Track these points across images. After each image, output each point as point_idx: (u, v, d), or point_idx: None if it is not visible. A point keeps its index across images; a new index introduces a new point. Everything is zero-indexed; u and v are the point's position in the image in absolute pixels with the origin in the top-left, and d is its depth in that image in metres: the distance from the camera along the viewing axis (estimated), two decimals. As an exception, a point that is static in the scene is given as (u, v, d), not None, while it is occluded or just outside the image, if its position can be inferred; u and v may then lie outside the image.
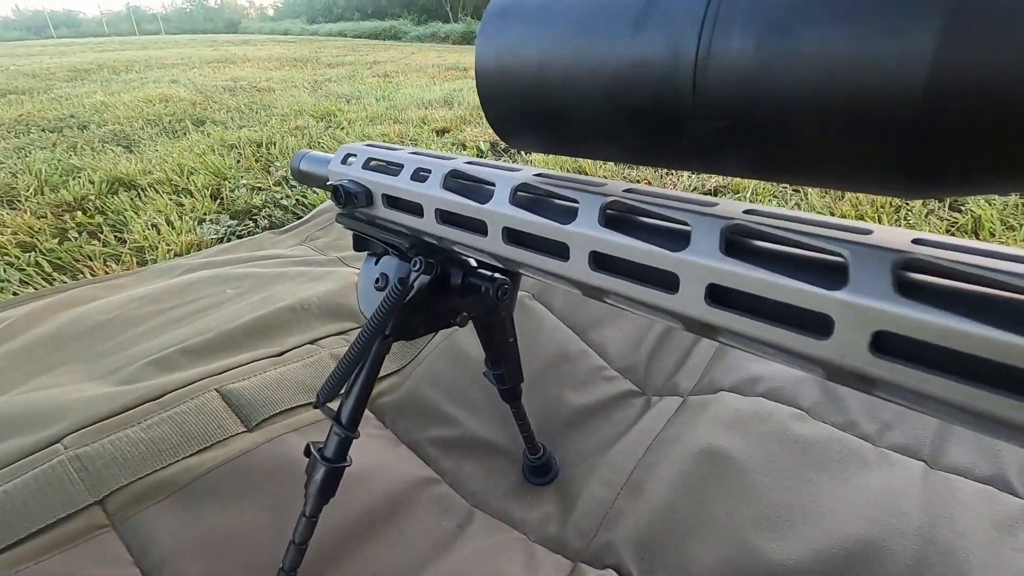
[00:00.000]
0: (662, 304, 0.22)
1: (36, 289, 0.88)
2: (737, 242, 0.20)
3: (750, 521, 0.49)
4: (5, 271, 0.92)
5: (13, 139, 2.04)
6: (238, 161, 1.67)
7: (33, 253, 1.00)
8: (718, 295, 0.20)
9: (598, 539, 0.51)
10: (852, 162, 0.17)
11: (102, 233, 1.10)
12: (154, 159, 1.64)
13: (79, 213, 1.21)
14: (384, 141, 1.98)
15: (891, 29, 0.14)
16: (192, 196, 1.32)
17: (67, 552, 0.41)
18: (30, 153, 1.79)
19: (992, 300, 0.15)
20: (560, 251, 0.26)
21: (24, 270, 0.95)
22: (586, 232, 0.24)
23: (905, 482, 0.50)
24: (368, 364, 0.38)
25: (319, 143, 1.96)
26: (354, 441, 0.40)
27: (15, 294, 0.87)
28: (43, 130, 2.21)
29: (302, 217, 1.19)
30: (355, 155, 0.38)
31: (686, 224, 0.21)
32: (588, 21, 0.21)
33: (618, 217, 0.25)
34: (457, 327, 0.40)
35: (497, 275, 0.36)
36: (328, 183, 0.39)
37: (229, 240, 1.10)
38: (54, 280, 0.93)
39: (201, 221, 1.18)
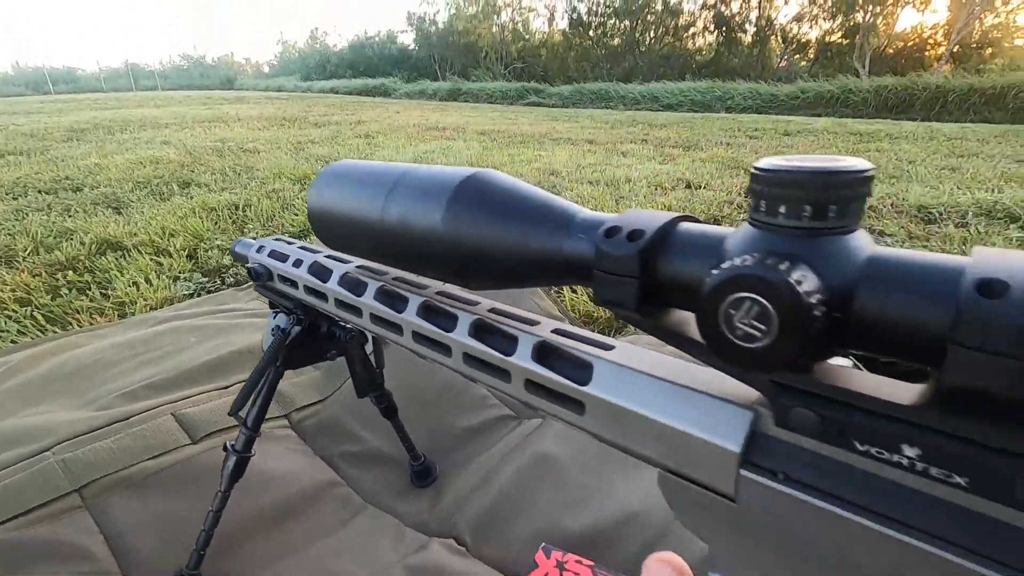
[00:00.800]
0: (501, 388, 0.33)
1: (31, 339, 1.06)
2: (546, 351, 0.30)
3: (559, 504, 0.67)
4: (5, 323, 1.10)
5: (11, 201, 2.24)
6: (216, 223, 1.87)
7: (29, 307, 1.18)
8: (530, 385, 0.30)
9: (451, 520, 0.68)
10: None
11: (90, 290, 1.29)
12: (140, 222, 1.84)
13: (70, 272, 1.39)
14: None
15: (427, 210, 0.34)
16: (171, 256, 1.52)
17: (53, 522, 0.58)
18: (27, 215, 1.98)
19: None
20: (355, 312, 0.45)
21: (21, 322, 1.13)
22: (368, 301, 0.44)
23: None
24: (266, 386, 0.57)
25: (293, 205, 2.17)
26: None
27: (13, 342, 1.04)
28: (39, 192, 2.41)
29: (264, 274, 1.38)
30: (264, 246, 0.58)
31: (515, 337, 0.31)
32: (358, 195, 0.42)
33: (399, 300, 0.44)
34: (331, 361, 0.59)
35: (349, 327, 0.55)
36: (247, 264, 0.58)
37: (199, 295, 1.29)
38: (47, 330, 1.11)
39: (176, 279, 1.37)
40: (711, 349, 0.22)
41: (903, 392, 0.20)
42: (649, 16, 21.36)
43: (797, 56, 20.84)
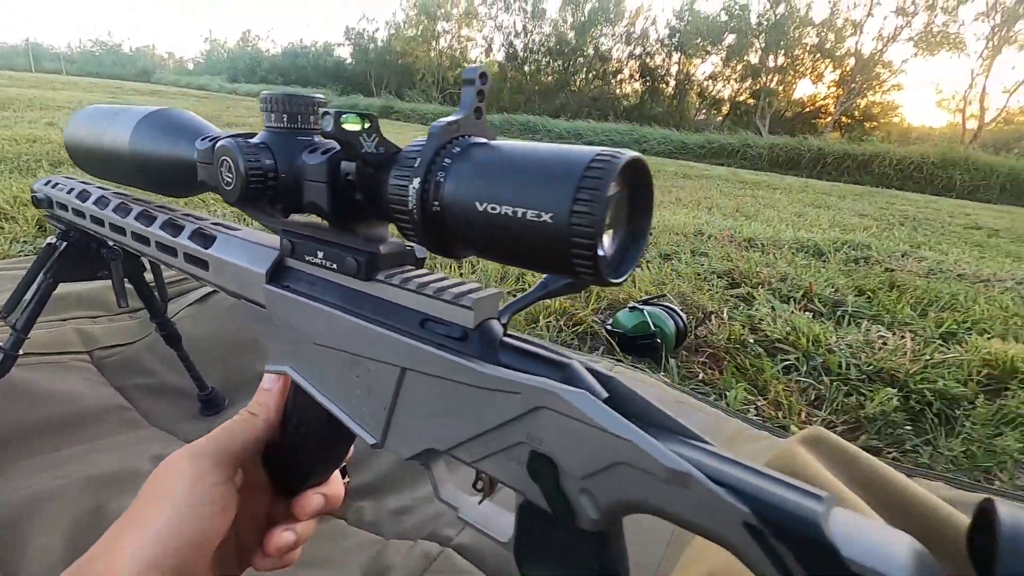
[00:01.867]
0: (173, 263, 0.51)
1: None
2: (197, 233, 0.45)
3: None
4: None
5: None
6: (79, 198, 1.87)
7: None
8: (187, 257, 0.46)
9: (217, 434, 0.79)
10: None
11: (-86, 243, 1.29)
12: (-7, 190, 1.80)
13: (-101, 228, 1.37)
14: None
15: (121, 135, 0.47)
16: (16, 223, 1.52)
17: None
18: None
19: None
20: (100, 224, 0.57)
21: None
22: (107, 213, 0.56)
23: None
24: (38, 295, 0.67)
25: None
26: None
27: None
28: None
29: (113, 244, 1.43)
30: (51, 181, 0.69)
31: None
32: (91, 128, 0.54)
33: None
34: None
35: (115, 248, 0.67)
36: (34, 194, 0.68)
37: (37, 257, 1.32)
38: None
39: (15, 241, 1.39)
40: (223, 193, 0.37)
41: (320, 224, 0.35)
42: (580, 58, 22.60)
43: (714, 112, 22.75)
